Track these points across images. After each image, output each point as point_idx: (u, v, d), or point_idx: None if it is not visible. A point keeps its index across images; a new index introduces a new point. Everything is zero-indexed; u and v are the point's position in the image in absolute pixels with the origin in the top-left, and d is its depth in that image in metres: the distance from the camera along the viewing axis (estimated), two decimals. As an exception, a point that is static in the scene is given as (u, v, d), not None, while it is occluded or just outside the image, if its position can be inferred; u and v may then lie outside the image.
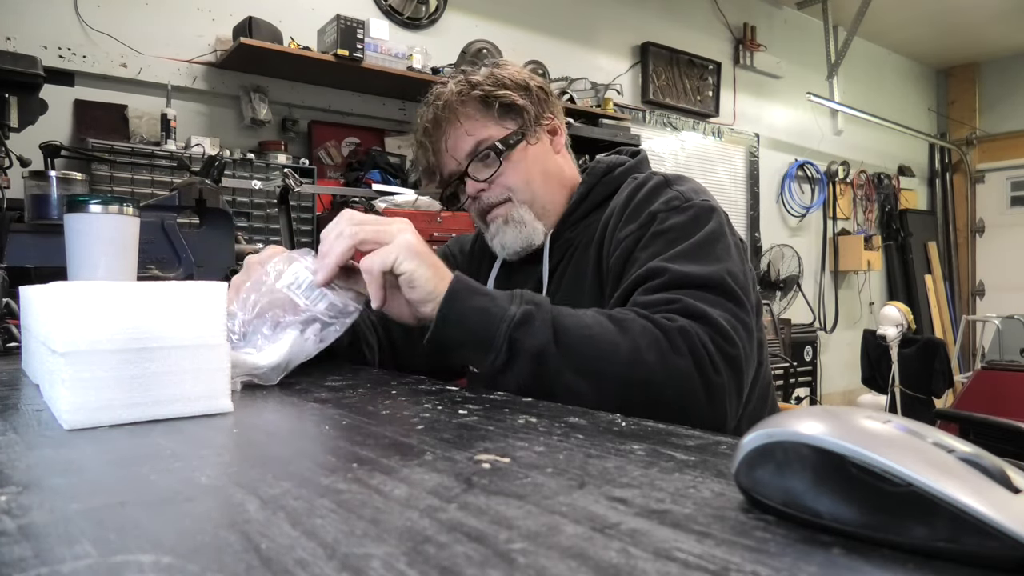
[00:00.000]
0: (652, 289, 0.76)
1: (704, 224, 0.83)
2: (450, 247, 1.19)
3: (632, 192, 0.92)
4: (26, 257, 1.16)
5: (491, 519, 0.28)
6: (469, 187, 0.98)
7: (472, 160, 0.97)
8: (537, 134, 0.99)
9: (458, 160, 0.98)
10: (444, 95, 0.97)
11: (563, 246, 0.99)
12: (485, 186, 0.97)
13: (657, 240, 0.83)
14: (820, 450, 0.27)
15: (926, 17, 5.30)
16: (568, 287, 0.95)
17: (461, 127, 0.96)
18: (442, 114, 0.97)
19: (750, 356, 0.74)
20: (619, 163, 1.01)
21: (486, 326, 0.68)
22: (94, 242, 0.90)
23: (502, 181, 0.97)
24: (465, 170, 0.97)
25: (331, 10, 2.76)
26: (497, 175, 0.96)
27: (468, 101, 0.96)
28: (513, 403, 0.57)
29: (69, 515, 0.29)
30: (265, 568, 0.23)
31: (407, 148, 3.12)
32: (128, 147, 2.33)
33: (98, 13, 2.48)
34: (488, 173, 0.97)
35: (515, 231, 0.97)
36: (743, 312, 0.75)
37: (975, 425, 1.89)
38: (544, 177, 0.99)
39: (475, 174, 0.97)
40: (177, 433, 0.45)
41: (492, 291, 0.72)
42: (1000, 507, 0.23)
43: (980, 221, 6.43)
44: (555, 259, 0.99)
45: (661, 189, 0.89)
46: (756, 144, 4.88)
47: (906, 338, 3.65)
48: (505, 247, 0.99)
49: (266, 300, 0.68)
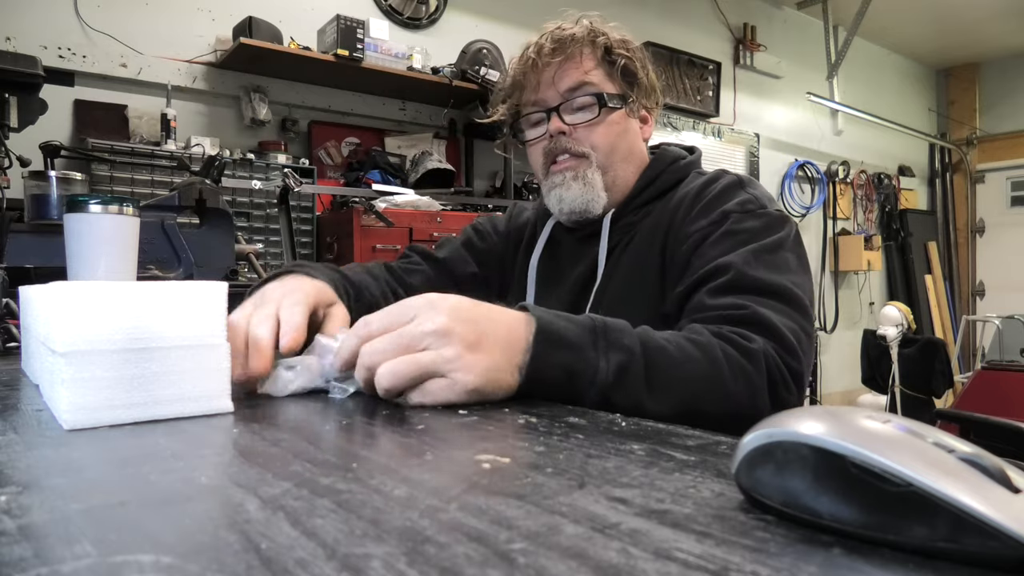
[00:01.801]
0: (719, 289, 0.75)
1: (776, 232, 0.82)
2: (482, 225, 1.14)
3: (703, 186, 0.90)
4: (26, 257, 1.16)
5: (491, 519, 0.28)
6: (554, 123, 0.94)
7: (573, 97, 0.93)
8: (636, 113, 0.98)
9: (559, 92, 0.93)
10: (576, 29, 0.93)
11: (623, 228, 0.96)
12: (570, 130, 0.93)
13: (727, 239, 0.81)
14: (820, 450, 0.27)
15: (926, 17, 5.30)
16: (626, 272, 0.92)
17: (580, 63, 0.93)
18: (568, 43, 0.92)
19: (809, 366, 0.74)
20: (681, 155, 1.00)
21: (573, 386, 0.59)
22: (94, 242, 0.90)
23: (590, 135, 0.93)
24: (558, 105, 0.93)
25: (331, 10, 2.76)
26: (592, 123, 0.93)
27: (598, 46, 0.93)
28: (513, 403, 0.57)
29: (69, 515, 0.29)
30: (265, 568, 0.23)
31: (407, 148, 3.13)
32: (128, 147, 2.33)
33: (98, 13, 2.48)
34: (581, 119, 0.93)
35: (580, 190, 0.93)
36: (807, 322, 0.75)
37: (975, 425, 1.89)
38: (627, 152, 0.97)
39: (567, 112, 0.94)
40: (178, 433, 0.45)
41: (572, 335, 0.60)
42: (1000, 507, 0.23)
43: (980, 221, 6.43)
44: (613, 241, 0.96)
45: (735, 189, 0.88)
46: (756, 144, 4.88)
47: (906, 338, 3.65)
48: (563, 202, 0.95)
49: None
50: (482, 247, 1.11)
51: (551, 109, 0.94)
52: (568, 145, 0.94)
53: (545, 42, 0.93)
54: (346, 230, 2.43)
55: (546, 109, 0.95)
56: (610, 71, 0.94)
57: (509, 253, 1.11)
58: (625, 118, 0.96)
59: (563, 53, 0.92)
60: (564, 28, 0.94)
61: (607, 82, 0.94)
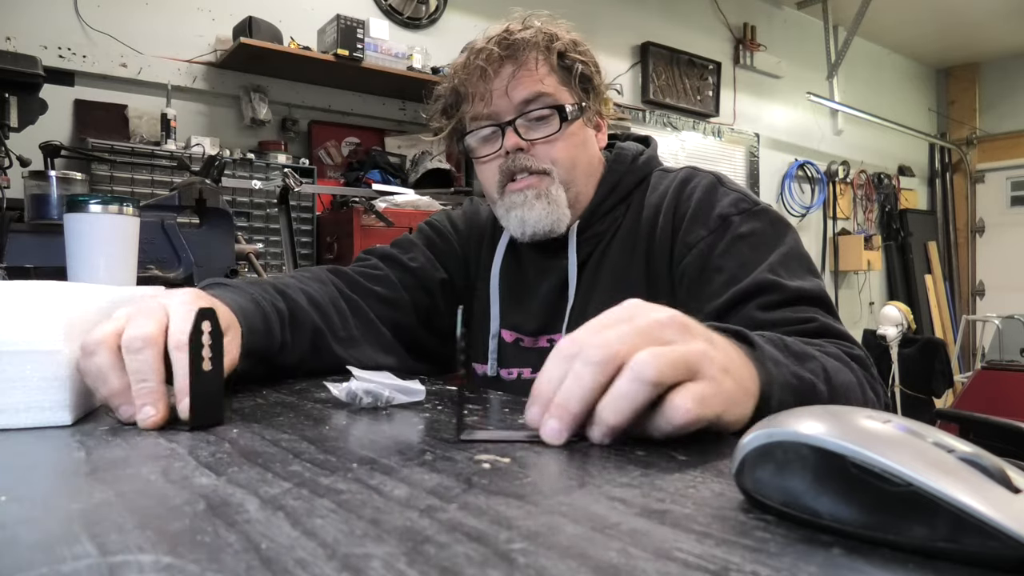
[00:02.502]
0: (773, 305, 0.72)
1: (784, 232, 0.80)
2: (439, 222, 1.03)
3: (679, 189, 0.87)
4: (26, 257, 1.16)
5: (491, 519, 0.28)
6: (510, 139, 0.85)
7: (529, 110, 0.85)
8: (592, 121, 0.91)
9: (513, 103, 0.85)
10: (527, 33, 0.85)
11: (590, 240, 0.90)
12: (529, 146, 0.85)
13: (740, 245, 0.78)
14: (820, 450, 0.27)
15: (926, 17, 5.30)
16: (606, 284, 0.87)
17: (535, 70, 0.84)
18: (519, 48, 0.84)
19: None
20: (638, 151, 0.94)
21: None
22: (94, 242, 0.90)
23: (550, 150, 0.86)
24: (514, 119, 0.85)
25: (331, 10, 2.76)
26: (552, 138, 0.85)
27: (552, 51, 0.85)
28: (513, 403, 0.57)
29: (70, 515, 0.29)
30: (265, 568, 0.23)
31: (407, 148, 3.12)
32: (128, 147, 2.33)
33: (98, 13, 2.48)
34: (540, 133, 0.85)
35: (544, 210, 0.85)
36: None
37: (975, 425, 1.88)
38: (587, 164, 0.90)
39: (524, 127, 0.85)
40: (178, 433, 0.45)
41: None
42: (1000, 507, 0.23)
43: (980, 221, 6.42)
44: (582, 255, 0.90)
45: (716, 188, 0.85)
46: (756, 144, 4.88)
47: (906, 338, 3.65)
48: (525, 224, 0.86)
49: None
50: (444, 248, 1.00)
51: (505, 123, 0.86)
52: (527, 163, 0.85)
53: (494, 48, 0.84)
54: (346, 230, 2.43)
55: (499, 123, 0.86)
56: (566, 78, 0.87)
57: (472, 254, 1.01)
58: (583, 128, 0.89)
59: (515, 61, 0.84)
60: (513, 31, 0.85)
61: (563, 91, 0.86)
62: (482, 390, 0.67)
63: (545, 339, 0.91)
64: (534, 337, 0.92)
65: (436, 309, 0.95)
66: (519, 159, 0.85)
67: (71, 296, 0.48)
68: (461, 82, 0.87)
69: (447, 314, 0.96)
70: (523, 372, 0.91)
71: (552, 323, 0.90)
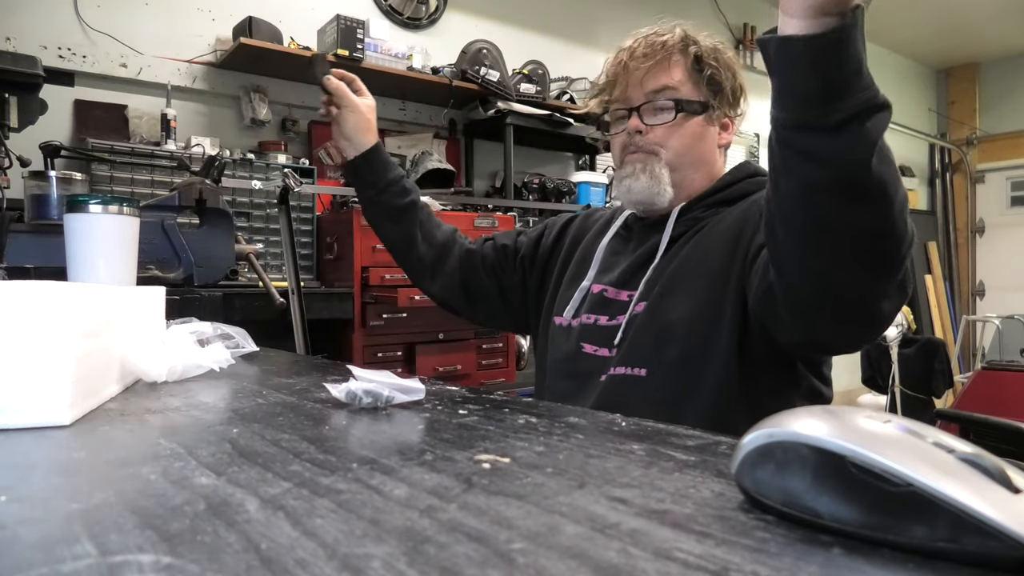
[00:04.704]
0: None
1: None
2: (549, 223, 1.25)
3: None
4: (26, 257, 1.16)
5: (491, 519, 0.28)
6: (632, 122, 1.00)
7: (655, 100, 0.99)
8: (717, 120, 1.02)
9: (643, 93, 0.99)
10: (670, 36, 0.99)
11: (689, 222, 0.99)
12: (647, 129, 0.99)
13: None
14: (820, 450, 0.27)
15: (926, 17, 5.30)
16: (685, 265, 0.95)
17: (668, 68, 0.99)
18: (659, 48, 0.98)
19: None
20: (761, 171, 1.04)
21: (861, 77, 0.63)
22: (94, 242, 0.91)
23: (664, 136, 0.99)
24: (640, 105, 0.99)
25: (331, 10, 2.76)
26: (669, 126, 0.98)
27: (689, 54, 0.99)
28: (513, 403, 0.57)
29: (70, 515, 0.29)
30: (265, 568, 0.23)
31: (407, 148, 3.12)
32: (128, 147, 2.32)
33: (98, 13, 2.48)
34: (658, 120, 0.99)
35: (646, 183, 0.99)
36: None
37: (975, 425, 1.88)
38: (698, 157, 1.01)
39: (647, 113, 0.99)
40: (178, 433, 0.45)
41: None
42: (1000, 507, 0.23)
43: (980, 221, 6.43)
44: (677, 230, 0.99)
45: None
46: (756, 144, 4.88)
47: (906, 338, 3.65)
48: (631, 192, 1.00)
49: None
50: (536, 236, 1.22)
51: (633, 108, 1.00)
52: (639, 142, 1.00)
53: (638, 46, 0.99)
54: (346, 230, 2.42)
55: (629, 108, 1.01)
56: (697, 79, 0.99)
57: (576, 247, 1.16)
58: (703, 125, 1.00)
59: (653, 58, 0.98)
60: (658, 34, 1.00)
61: (691, 89, 0.99)
62: (482, 390, 0.67)
63: (625, 293, 1.00)
64: (617, 289, 1.02)
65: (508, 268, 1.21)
66: (636, 139, 1.00)
67: (71, 296, 0.48)
68: (609, 72, 1.03)
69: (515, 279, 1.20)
70: (599, 319, 1.01)
71: (632, 280, 1.00)
